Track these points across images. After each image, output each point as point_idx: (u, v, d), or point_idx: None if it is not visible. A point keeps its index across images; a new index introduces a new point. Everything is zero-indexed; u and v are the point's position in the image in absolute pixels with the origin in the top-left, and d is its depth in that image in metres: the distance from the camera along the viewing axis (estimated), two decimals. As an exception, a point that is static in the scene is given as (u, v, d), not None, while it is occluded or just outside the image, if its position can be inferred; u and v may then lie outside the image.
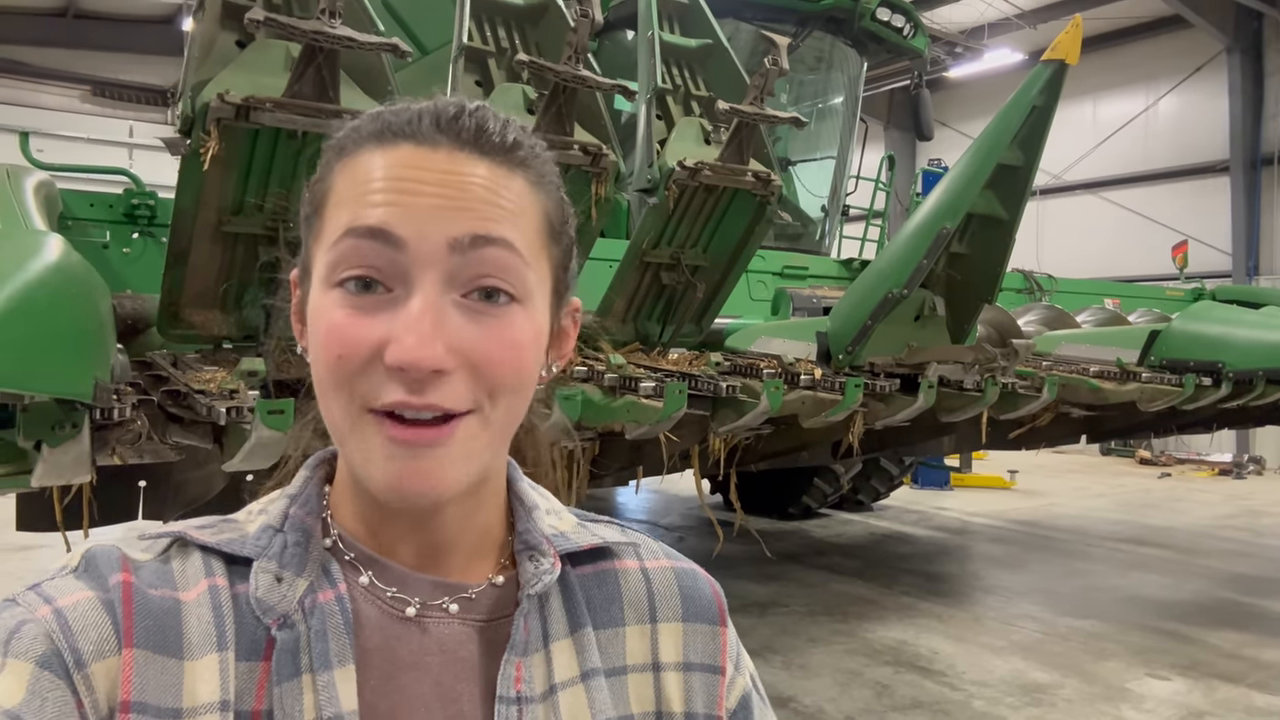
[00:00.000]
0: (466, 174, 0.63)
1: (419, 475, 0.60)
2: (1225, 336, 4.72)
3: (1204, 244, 14.76)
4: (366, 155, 0.64)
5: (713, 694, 0.74)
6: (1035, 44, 16.09)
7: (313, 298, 0.64)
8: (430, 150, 0.63)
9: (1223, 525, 9.10)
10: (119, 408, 2.14)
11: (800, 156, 7.33)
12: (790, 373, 3.50)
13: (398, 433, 0.60)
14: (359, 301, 0.61)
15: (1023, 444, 5.65)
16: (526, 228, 0.65)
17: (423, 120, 0.64)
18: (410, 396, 0.59)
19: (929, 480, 10.99)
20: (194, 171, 2.54)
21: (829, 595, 6.13)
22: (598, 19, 2.87)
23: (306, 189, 0.69)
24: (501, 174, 0.64)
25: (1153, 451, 14.59)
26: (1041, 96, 3.50)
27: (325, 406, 0.64)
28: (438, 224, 0.61)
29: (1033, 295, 6.64)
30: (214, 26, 2.71)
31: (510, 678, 0.66)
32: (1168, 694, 4.44)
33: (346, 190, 0.64)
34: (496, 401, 0.63)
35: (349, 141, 0.66)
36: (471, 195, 0.62)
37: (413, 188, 0.62)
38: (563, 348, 0.74)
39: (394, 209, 0.61)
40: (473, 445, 0.62)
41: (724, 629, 0.77)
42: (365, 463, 0.61)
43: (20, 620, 0.57)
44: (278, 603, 0.63)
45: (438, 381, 0.59)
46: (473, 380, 0.61)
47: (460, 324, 0.61)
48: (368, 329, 0.60)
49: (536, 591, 0.69)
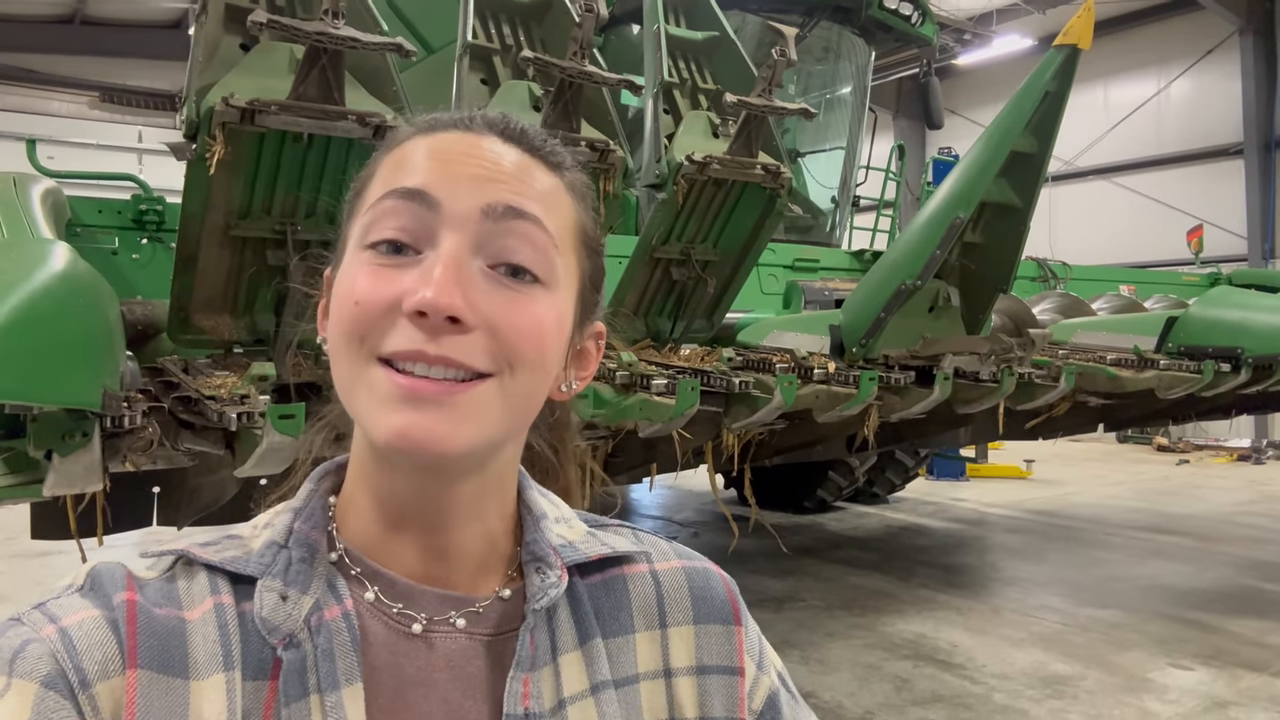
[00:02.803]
0: (508, 156, 0.66)
1: (425, 428, 0.59)
2: (1244, 321, 4.66)
3: (1219, 228, 14.64)
4: (414, 141, 0.66)
5: (732, 696, 0.72)
6: (1045, 29, 15.98)
7: (343, 265, 0.65)
8: (477, 135, 0.66)
9: (1243, 511, 9.02)
10: (129, 415, 2.13)
11: (809, 148, 7.29)
12: (803, 367, 3.47)
13: (400, 380, 0.59)
14: (387, 261, 0.62)
15: (1040, 434, 5.60)
16: (559, 219, 0.67)
17: (474, 118, 0.68)
18: (426, 345, 0.58)
19: (945, 472, 10.93)
20: (200, 176, 2.52)
21: (846, 589, 6.10)
22: (602, 13, 2.84)
23: (353, 183, 0.71)
24: (541, 168, 0.67)
25: (1170, 438, 14.49)
26: (1054, 82, 3.45)
27: (335, 366, 0.63)
28: (473, 190, 0.63)
29: (1047, 283, 6.58)
30: (217, 30, 2.70)
31: (517, 694, 0.65)
32: (1191, 684, 4.39)
33: (392, 166, 0.66)
34: (517, 373, 0.62)
35: (401, 134, 0.68)
36: (509, 173, 0.65)
37: (455, 158, 0.64)
38: (584, 368, 0.74)
39: (433, 175, 0.63)
40: (486, 410, 0.61)
41: (739, 627, 0.75)
42: (370, 412, 0.60)
43: (25, 640, 0.57)
44: (283, 622, 0.62)
45: (455, 335, 0.59)
46: (492, 343, 0.60)
47: (484, 287, 0.61)
48: (391, 282, 0.60)
49: (542, 606, 0.67)
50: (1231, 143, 15.23)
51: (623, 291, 3.74)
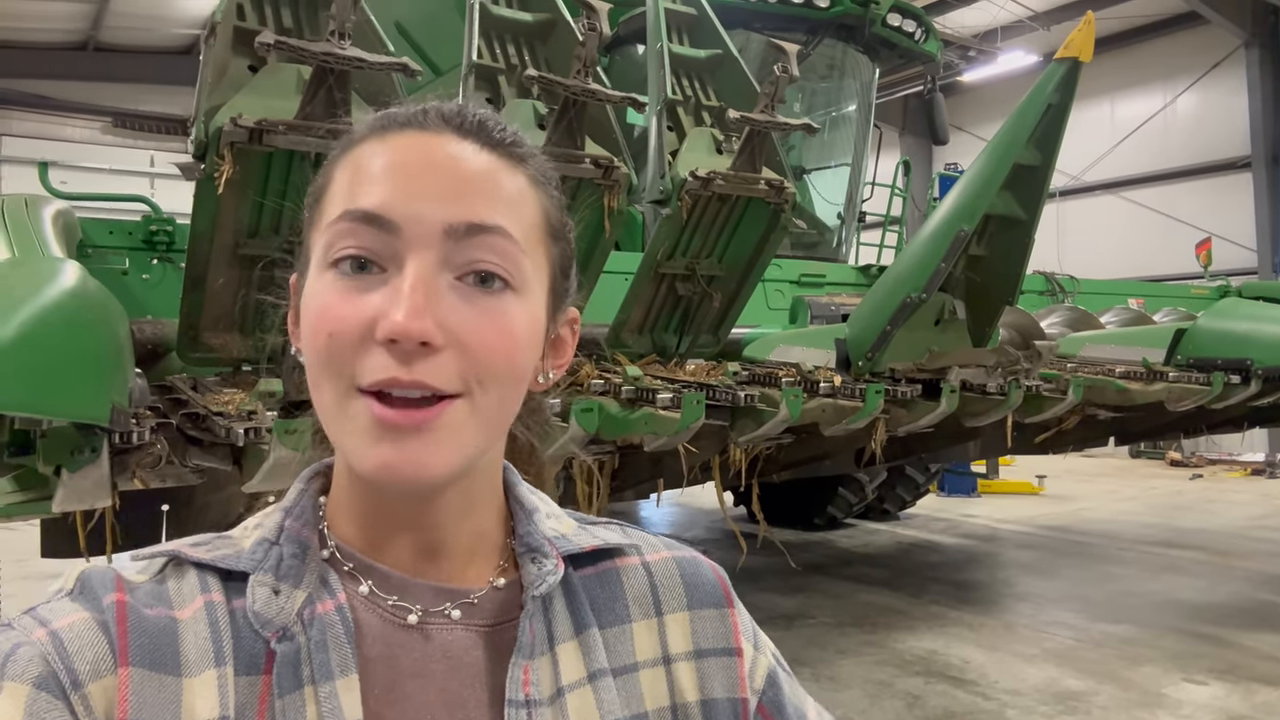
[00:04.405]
0: (467, 160, 0.64)
1: (406, 459, 0.59)
2: (1253, 333, 4.64)
3: (1228, 241, 14.58)
4: (369, 144, 0.65)
5: (732, 677, 0.73)
6: (1049, 45, 16.01)
7: (308, 283, 0.64)
8: (434, 135, 0.64)
9: (1257, 525, 8.94)
10: (138, 431, 2.15)
11: (815, 164, 7.32)
12: (809, 381, 3.47)
13: (384, 414, 0.59)
14: (352, 283, 0.61)
15: (1049, 448, 5.58)
16: (525, 219, 0.66)
17: (427, 113, 0.65)
18: (399, 372, 0.58)
19: (956, 488, 10.87)
20: (209, 196, 2.56)
21: (857, 606, 6.06)
22: (605, 32, 2.87)
23: (310, 186, 0.69)
24: (503, 165, 0.65)
25: (1183, 453, 14.38)
26: (1056, 94, 3.46)
27: (316, 392, 0.63)
28: (433, 209, 0.61)
29: (1055, 297, 6.57)
30: (226, 52, 2.74)
31: (518, 681, 0.65)
32: (1205, 699, 4.34)
33: (347, 176, 0.64)
34: (487, 388, 0.62)
35: (355, 135, 0.67)
36: (470, 182, 0.63)
37: (412, 171, 0.62)
38: (560, 356, 0.73)
39: (391, 193, 0.61)
40: (460, 431, 0.61)
41: (732, 610, 0.76)
42: (355, 447, 0.61)
43: (15, 643, 0.57)
44: (276, 615, 0.62)
45: (426, 357, 0.59)
46: (462, 361, 0.60)
47: (453, 303, 0.61)
48: (359, 307, 0.60)
49: (541, 592, 0.68)
50: (1239, 156, 15.20)
51: (628, 307, 3.75)
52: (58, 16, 15.58)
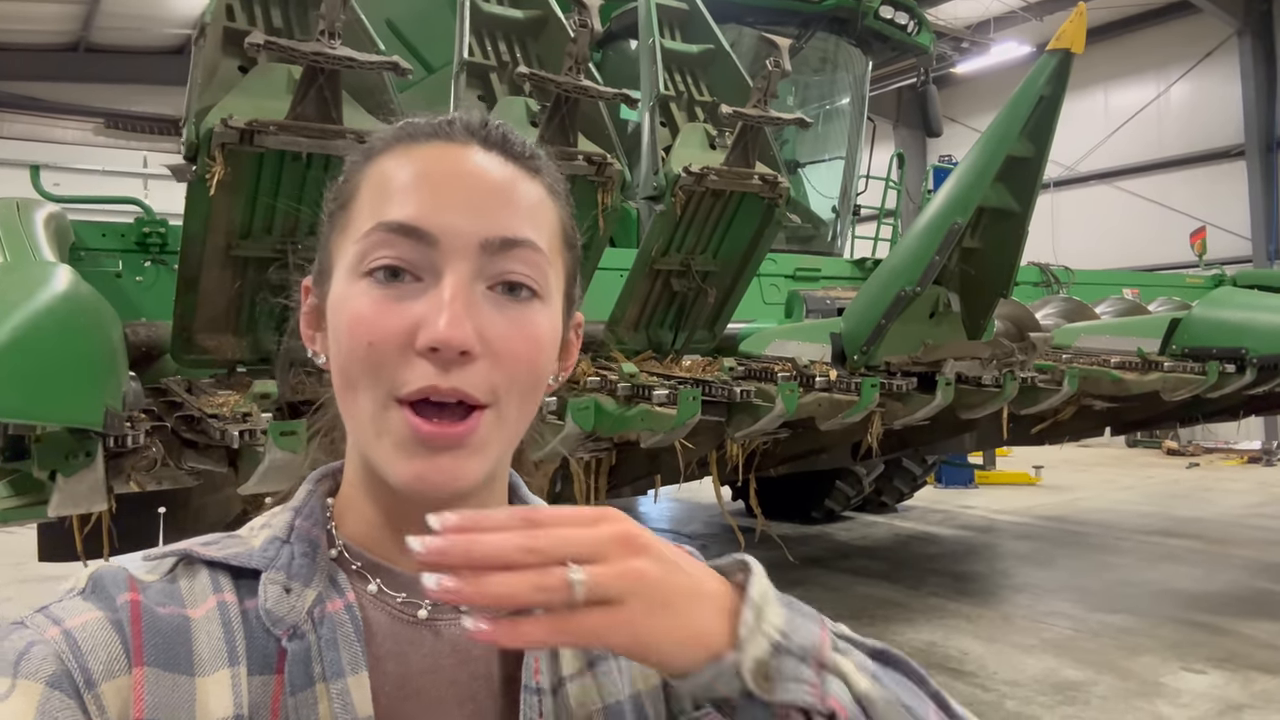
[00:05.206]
0: (494, 174, 0.65)
1: (439, 471, 0.61)
2: (1248, 322, 4.65)
3: (1223, 229, 14.61)
4: (398, 152, 0.66)
5: None
6: (1042, 36, 15.99)
7: (336, 290, 0.65)
8: (460, 147, 0.66)
9: (1254, 514, 8.97)
10: (133, 435, 2.15)
11: (809, 158, 7.31)
12: (805, 375, 3.48)
13: (421, 427, 0.61)
14: (387, 291, 0.62)
15: (1045, 438, 5.59)
16: (546, 230, 0.68)
17: (453, 124, 0.67)
18: (438, 380, 0.60)
19: (953, 479, 10.90)
20: (201, 197, 2.55)
21: (855, 598, 6.07)
22: (597, 28, 2.86)
23: (330, 191, 0.70)
24: (524, 177, 0.67)
25: (1180, 442, 14.43)
26: (1048, 86, 3.47)
27: (349, 398, 0.64)
28: (470, 223, 0.63)
29: (1050, 288, 6.57)
30: (216, 53, 2.72)
31: (531, 668, 0.67)
32: (1204, 687, 4.36)
33: (377, 184, 0.66)
34: (511, 398, 0.64)
35: (378, 143, 0.68)
36: (499, 195, 0.65)
37: (443, 183, 0.64)
38: (567, 359, 0.75)
39: (425, 205, 0.63)
40: (488, 442, 0.63)
41: None
42: (389, 459, 0.62)
43: (29, 642, 0.57)
44: (287, 614, 0.63)
45: (463, 366, 0.61)
46: (494, 371, 0.62)
47: (488, 313, 0.63)
48: (399, 315, 0.61)
49: None
50: (1232, 145, 15.22)
51: (624, 303, 3.75)
52: (48, 17, 15.53)
